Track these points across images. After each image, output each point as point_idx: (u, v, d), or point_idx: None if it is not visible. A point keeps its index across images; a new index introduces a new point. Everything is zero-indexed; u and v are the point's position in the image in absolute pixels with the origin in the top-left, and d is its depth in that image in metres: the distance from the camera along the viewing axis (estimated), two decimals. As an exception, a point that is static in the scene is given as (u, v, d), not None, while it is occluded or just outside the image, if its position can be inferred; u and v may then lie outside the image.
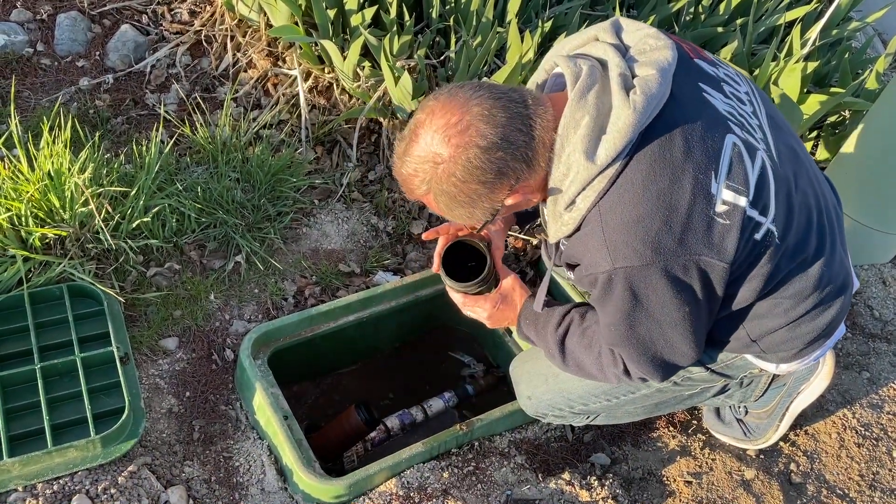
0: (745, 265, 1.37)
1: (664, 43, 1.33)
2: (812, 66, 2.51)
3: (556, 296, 2.19)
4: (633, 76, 1.30)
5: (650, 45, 1.33)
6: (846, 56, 2.69)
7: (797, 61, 2.52)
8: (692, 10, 2.84)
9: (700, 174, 1.27)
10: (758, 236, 1.33)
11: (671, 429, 2.03)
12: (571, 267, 1.44)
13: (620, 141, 1.25)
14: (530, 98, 1.31)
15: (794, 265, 1.42)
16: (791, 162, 1.42)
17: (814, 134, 2.73)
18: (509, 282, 1.69)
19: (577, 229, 1.35)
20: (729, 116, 1.35)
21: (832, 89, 2.61)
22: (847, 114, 2.70)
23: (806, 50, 2.56)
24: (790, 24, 2.86)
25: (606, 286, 1.34)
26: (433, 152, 1.28)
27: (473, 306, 1.70)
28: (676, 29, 2.76)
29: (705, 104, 1.34)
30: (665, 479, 1.92)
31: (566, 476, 1.84)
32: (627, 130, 1.24)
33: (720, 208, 1.29)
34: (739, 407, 1.95)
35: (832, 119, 2.74)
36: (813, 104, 2.50)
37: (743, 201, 1.30)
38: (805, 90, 2.56)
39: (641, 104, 1.25)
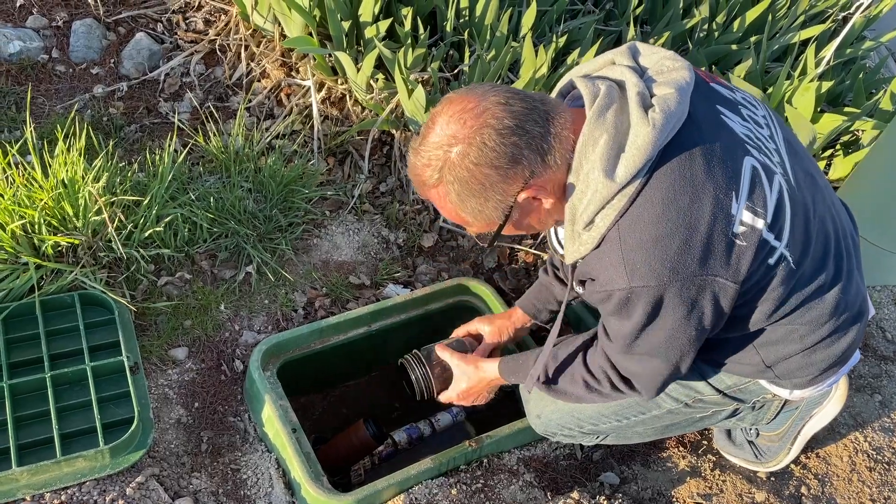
0: (757, 288, 1.36)
1: (681, 64, 1.33)
2: (826, 85, 2.51)
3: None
4: (652, 95, 1.29)
5: (668, 66, 1.33)
6: (860, 75, 2.68)
7: (811, 80, 2.51)
8: (706, 27, 2.83)
9: (721, 194, 1.27)
10: (771, 261, 1.33)
11: (681, 449, 2.01)
12: (583, 282, 1.43)
13: (640, 159, 1.24)
14: (549, 100, 1.32)
15: (811, 292, 1.41)
16: (809, 187, 1.42)
17: (827, 153, 2.72)
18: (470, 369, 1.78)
19: (596, 247, 1.34)
20: (746, 140, 1.35)
21: (846, 109, 2.61)
22: (861, 134, 2.69)
23: (820, 69, 2.55)
24: (804, 43, 2.85)
25: (622, 303, 1.33)
26: (448, 135, 1.27)
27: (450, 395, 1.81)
28: (690, 46, 2.76)
29: (723, 126, 1.34)
30: (675, 499, 1.90)
31: (575, 495, 1.83)
32: (647, 148, 1.24)
33: (739, 229, 1.28)
34: (751, 429, 1.93)
35: (845, 139, 2.73)
36: (827, 123, 2.49)
37: (761, 224, 1.29)
38: (819, 109, 2.56)
39: (661, 122, 1.24)
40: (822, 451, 2.03)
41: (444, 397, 1.83)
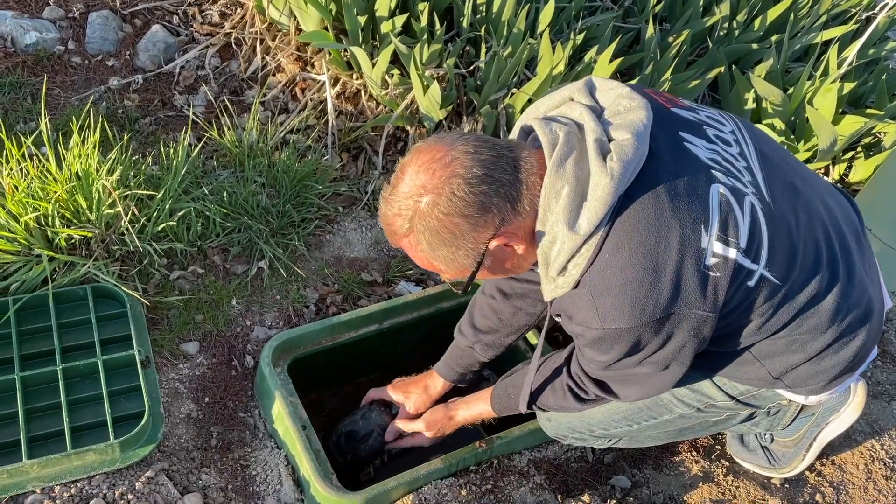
0: (739, 310, 1.36)
1: (637, 103, 1.32)
2: (848, 86, 2.47)
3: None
4: (610, 139, 1.29)
5: (624, 106, 1.33)
6: (883, 77, 2.64)
7: (833, 81, 2.48)
8: (726, 25, 2.80)
9: (688, 230, 1.26)
10: (751, 283, 1.32)
11: (694, 453, 1.99)
12: (559, 315, 1.44)
13: (601, 209, 1.25)
14: (515, 144, 1.32)
15: (804, 302, 1.38)
16: (789, 199, 1.39)
17: (848, 156, 2.68)
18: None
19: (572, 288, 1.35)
20: (713, 164, 1.33)
21: (868, 110, 2.57)
22: (883, 136, 2.65)
23: (842, 70, 2.51)
24: (826, 43, 2.81)
25: (597, 341, 1.36)
26: (417, 185, 1.28)
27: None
28: (710, 44, 2.72)
29: (686, 155, 1.33)
30: (686, 505, 1.88)
31: (585, 498, 1.81)
32: (607, 198, 1.24)
33: (711, 261, 1.28)
34: (766, 434, 1.91)
35: (867, 141, 2.69)
36: (848, 125, 2.46)
37: (733, 253, 1.29)
38: (840, 111, 2.52)
39: (619, 171, 1.24)
40: (838, 459, 2.00)
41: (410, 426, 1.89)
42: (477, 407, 1.81)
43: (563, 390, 1.57)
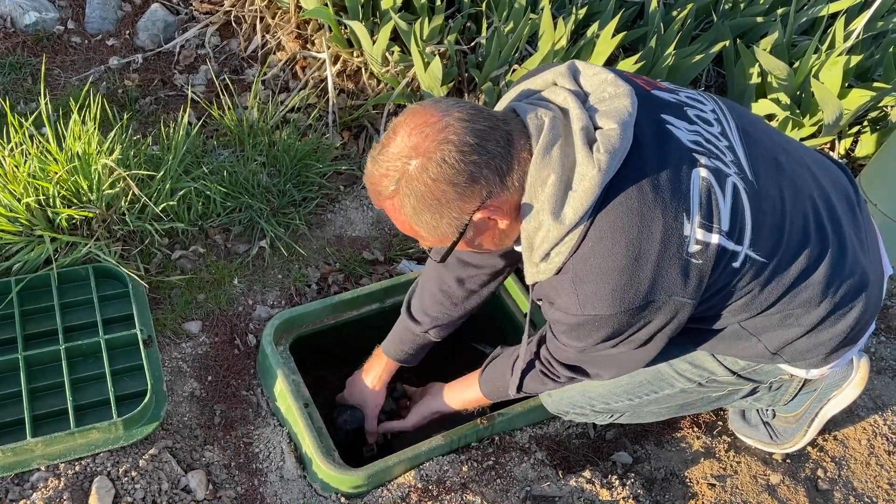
0: (725, 291, 1.36)
1: (622, 90, 1.31)
2: (855, 59, 2.44)
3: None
4: (596, 127, 1.29)
5: (609, 93, 1.32)
6: (891, 50, 2.60)
7: (840, 54, 2.44)
8: (731, -2, 2.76)
9: (670, 219, 1.27)
10: (735, 264, 1.32)
11: (695, 429, 1.99)
12: (540, 299, 1.45)
13: (587, 200, 1.25)
14: (511, 118, 1.31)
15: (793, 277, 1.38)
16: (773, 175, 1.39)
17: (854, 130, 2.65)
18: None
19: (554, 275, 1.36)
20: (694, 147, 1.33)
21: (875, 84, 2.53)
22: (890, 110, 2.61)
23: (849, 43, 2.48)
24: (833, 16, 2.77)
25: (576, 326, 1.37)
26: (408, 147, 1.26)
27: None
28: (715, 18, 2.68)
29: (669, 139, 1.32)
30: (688, 480, 1.89)
31: (587, 474, 1.82)
32: (593, 189, 1.24)
33: (694, 248, 1.28)
34: (767, 410, 1.91)
35: (874, 115, 2.66)
36: (854, 99, 2.42)
37: (716, 238, 1.29)
38: (847, 84, 2.49)
39: (606, 163, 1.24)
40: (840, 434, 2.00)
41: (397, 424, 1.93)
42: (464, 394, 1.83)
43: (537, 374, 1.60)
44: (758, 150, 1.41)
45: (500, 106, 1.42)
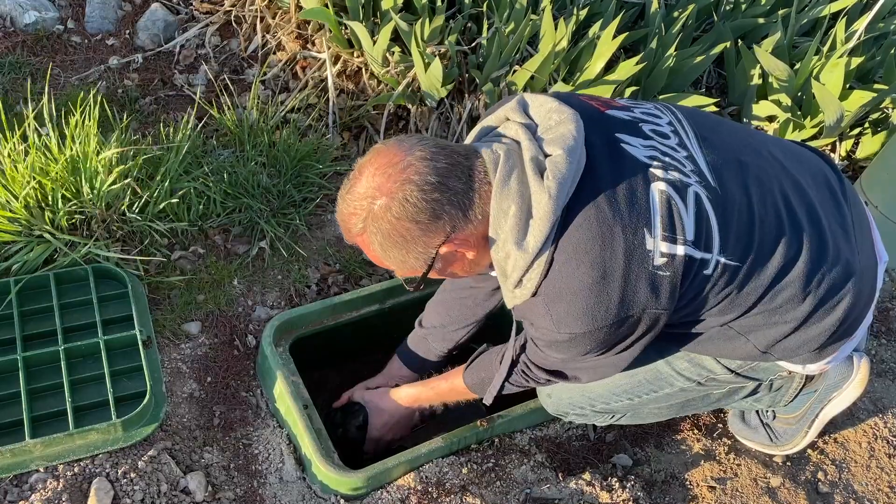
0: (701, 298, 1.38)
1: (566, 116, 1.35)
2: (856, 61, 2.44)
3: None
4: (546, 155, 1.32)
5: (554, 120, 1.36)
6: (892, 51, 2.59)
7: (841, 56, 2.44)
8: (732, -1, 2.76)
9: (630, 235, 1.30)
10: (707, 271, 1.35)
11: (696, 431, 1.99)
12: (521, 320, 1.49)
13: (544, 227, 1.29)
14: (472, 153, 1.35)
15: (771, 277, 1.39)
16: (737, 177, 1.40)
17: (855, 131, 2.64)
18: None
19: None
20: (651, 162, 1.35)
21: (876, 86, 2.53)
22: (891, 111, 2.61)
23: (850, 44, 2.47)
24: (834, 17, 2.76)
25: (553, 343, 1.42)
26: (372, 188, 1.31)
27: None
28: (716, 19, 2.68)
29: (623, 158, 1.35)
30: (688, 483, 1.88)
31: (587, 476, 1.81)
32: (549, 215, 1.28)
33: (659, 261, 1.31)
34: (768, 411, 1.90)
35: (875, 116, 2.65)
36: (856, 100, 2.42)
37: (681, 249, 1.31)
38: (848, 86, 2.49)
39: (555, 189, 1.28)
40: (840, 436, 2.00)
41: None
42: (439, 385, 1.84)
43: (518, 375, 1.62)
44: (719, 154, 1.42)
45: (470, 136, 1.48)
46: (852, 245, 1.48)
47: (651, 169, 1.34)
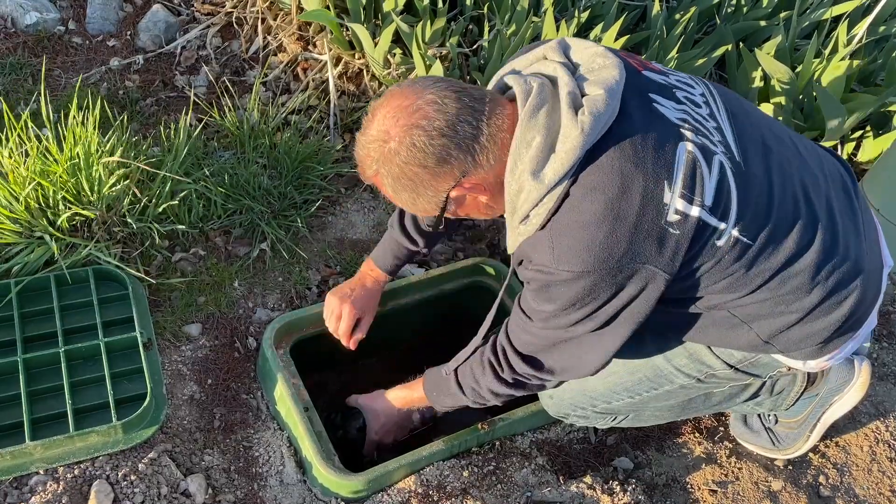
0: (709, 269, 1.36)
1: (611, 62, 1.34)
2: (857, 63, 2.43)
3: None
4: (583, 95, 1.31)
5: (598, 64, 1.35)
6: (894, 54, 2.59)
7: (842, 58, 2.44)
8: (734, 1, 2.76)
9: (650, 184, 1.28)
10: (720, 242, 1.33)
11: (697, 435, 1.99)
12: (520, 262, 1.45)
13: (567, 161, 1.27)
14: (489, 97, 1.34)
15: (781, 262, 1.37)
16: (762, 159, 1.39)
17: (857, 134, 2.64)
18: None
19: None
20: (682, 123, 1.34)
21: (877, 88, 2.53)
22: (893, 114, 2.61)
23: (852, 47, 2.47)
24: (836, 19, 2.76)
25: (545, 286, 1.37)
26: (382, 131, 1.32)
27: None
28: (717, 21, 2.68)
29: (655, 115, 1.34)
30: (689, 486, 1.88)
31: (588, 479, 1.81)
32: (575, 151, 1.27)
33: (672, 218, 1.29)
34: (769, 416, 1.90)
35: (876, 119, 2.65)
36: (857, 103, 2.42)
37: (696, 211, 1.30)
38: (849, 89, 2.48)
39: (589, 125, 1.26)
40: (842, 440, 2.00)
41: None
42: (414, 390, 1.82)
43: (482, 364, 1.58)
44: (747, 133, 1.41)
45: (492, 83, 1.45)
46: (862, 245, 1.48)
47: (681, 129, 1.33)
